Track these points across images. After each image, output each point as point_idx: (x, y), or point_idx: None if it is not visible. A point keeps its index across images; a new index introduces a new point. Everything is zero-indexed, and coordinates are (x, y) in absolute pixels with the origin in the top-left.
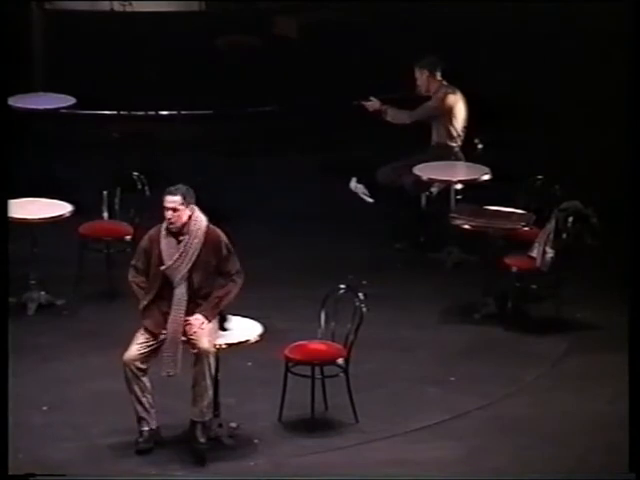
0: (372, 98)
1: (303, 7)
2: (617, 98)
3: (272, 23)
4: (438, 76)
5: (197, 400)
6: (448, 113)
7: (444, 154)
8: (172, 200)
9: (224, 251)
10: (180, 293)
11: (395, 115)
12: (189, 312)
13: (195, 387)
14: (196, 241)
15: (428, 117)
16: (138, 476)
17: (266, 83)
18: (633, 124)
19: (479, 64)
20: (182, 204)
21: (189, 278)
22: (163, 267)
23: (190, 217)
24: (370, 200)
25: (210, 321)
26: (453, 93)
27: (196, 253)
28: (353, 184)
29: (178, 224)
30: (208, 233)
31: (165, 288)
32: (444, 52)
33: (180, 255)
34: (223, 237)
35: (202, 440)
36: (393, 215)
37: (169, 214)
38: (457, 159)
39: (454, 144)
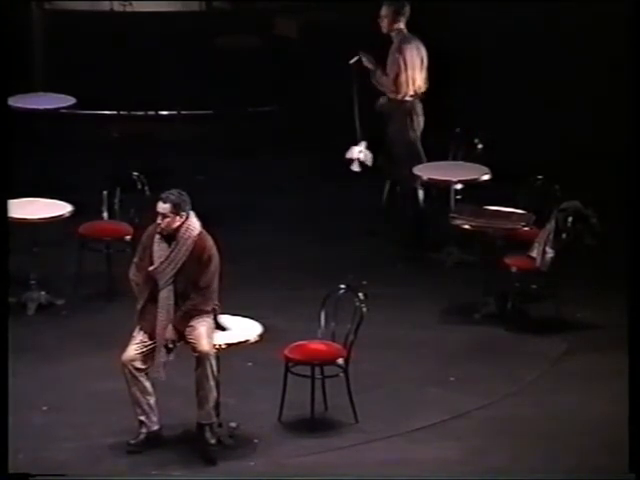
0: (364, 56)
1: (303, 7)
2: (617, 97)
3: (272, 23)
4: (402, 21)
5: (203, 402)
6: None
7: (397, 109)
8: (162, 207)
9: (204, 261)
10: (165, 297)
11: (380, 80)
12: (177, 315)
13: (200, 390)
14: (184, 248)
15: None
16: (138, 476)
17: (266, 83)
18: (634, 123)
19: (479, 62)
20: (172, 212)
21: (174, 283)
22: (150, 268)
23: (182, 224)
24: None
25: (180, 331)
26: (408, 43)
27: (182, 260)
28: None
29: (168, 229)
30: (197, 242)
31: (157, 289)
32: (444, 52)
33: (166, 259)
34: (210, 248)
35: (212, 442)
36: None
37: (159, 219)
38: (413, 112)
39: (402, 96)
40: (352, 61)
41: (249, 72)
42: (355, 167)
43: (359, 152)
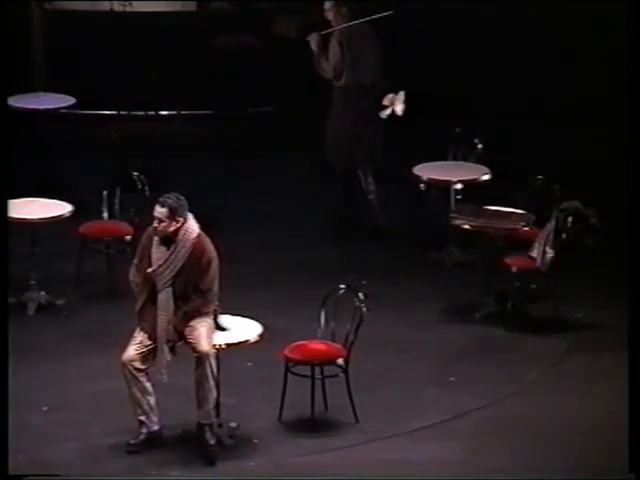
0: (313, 39)
1: (303, 7)
2: (617, 97)
3: (272, 23)
4: (344, 9)
5: (203, 403)
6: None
7: (336, 95)
8: (159, 211)
9: (203, 264)
10: (164, 298)
11: (322, 65)
12: (177, 316)
13: (199, 390)
14: (183, 251)
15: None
16: (138, 476)
17: (266, 83)
18: (633, 123)
19: (478, 62)
20: (168, 217)
21: (173, 285)
22: (148, 270)
23: (180, 227)
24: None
25: (179, 331)
26: (354, 31)
27: (181, 263)
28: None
29: (164, 233)
30: (196, 244)
31: (156, 291)
32: (444, 50)
33: (165, 262)
34: (209, 251)
35: (212, 442)
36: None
37: (155, 222)
38: (350, 100)
39: (343, 84)
40: (309, 37)
41: (249, 72)
42: (384, 114)
43: (393, 99)
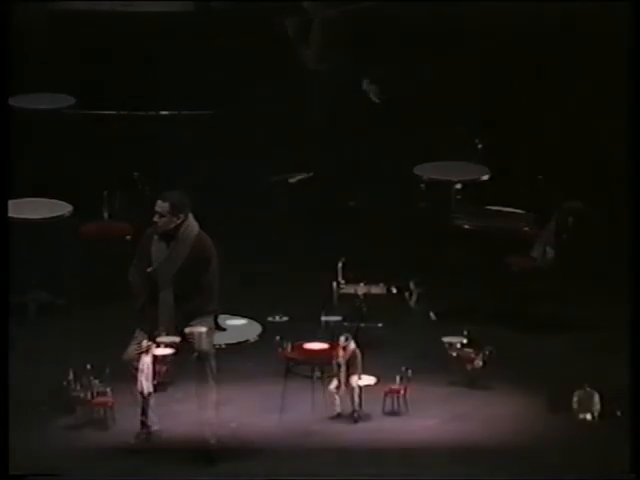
0: (290, 25)
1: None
2: (617, 97)
3: (272, 23)
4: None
5: (203, 402)
6: None
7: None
8: (160, 205)
9: (204, 262)
10: (165, 297)
11: (302, 52)
12: (177, 316)
13: (199, 390)
14: (183, 249)
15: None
16: (138, 476)
17: (266, 83)
18: (633, 123)
19: (478, 62)
20: (169, 212)
21: (174, 284)
22: (149, 269)
23: (180, 224)
24: (377, 100)
25: (180, 331)
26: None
27: (181, 260)
28: (365, 84)
29: (163, 228)
30: (196, 242)
31: (156, 290)
32: (445, 51)
33: (166, 260)
34: (209, 248)
35: (212, 442)
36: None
37: (156, 217)
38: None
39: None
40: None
41: (249, 72)
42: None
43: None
